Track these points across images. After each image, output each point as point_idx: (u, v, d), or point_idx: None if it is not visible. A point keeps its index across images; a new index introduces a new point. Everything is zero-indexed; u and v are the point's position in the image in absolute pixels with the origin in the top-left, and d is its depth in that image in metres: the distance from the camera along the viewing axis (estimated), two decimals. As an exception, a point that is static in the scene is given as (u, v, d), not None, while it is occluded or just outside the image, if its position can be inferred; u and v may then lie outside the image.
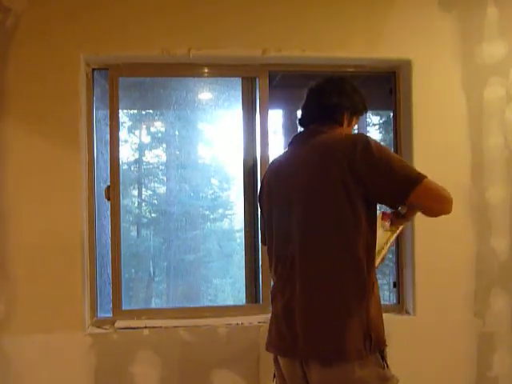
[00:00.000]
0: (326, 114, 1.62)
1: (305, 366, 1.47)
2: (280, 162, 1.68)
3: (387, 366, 1.43)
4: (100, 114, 2.51)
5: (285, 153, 1.70)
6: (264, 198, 1.71)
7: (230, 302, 5.40)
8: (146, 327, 2.29)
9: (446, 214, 1.47)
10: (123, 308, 2.40)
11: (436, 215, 1.48)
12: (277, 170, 1.67)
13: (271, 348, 1.62)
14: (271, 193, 1.65)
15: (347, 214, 1.43)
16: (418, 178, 1.40)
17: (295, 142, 1.66)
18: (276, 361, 1.63)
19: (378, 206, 1.52)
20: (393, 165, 1.41)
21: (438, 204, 1.45)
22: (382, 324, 1.48)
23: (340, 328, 1.40)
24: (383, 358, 1.43)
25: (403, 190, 1.40)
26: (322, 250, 1.46)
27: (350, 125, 1.66)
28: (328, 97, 1.62)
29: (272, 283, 1.68)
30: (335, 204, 1.43)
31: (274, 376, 1.68)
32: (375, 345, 1.41)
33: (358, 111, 1.68)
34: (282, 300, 1.56)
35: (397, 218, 1.62)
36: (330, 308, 1.44)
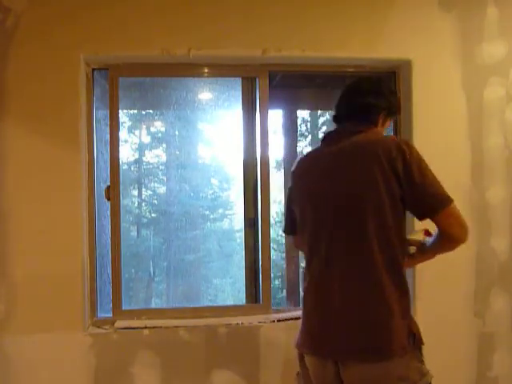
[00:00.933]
0: (363, 113, 1.61)
1: (341, 365, 1.48)
2: (315, 159, 1.67)
3: (423, 362, 1.49)
4: (100, 114, 2.51)
5: (317, 149, 1.68)
6: (295, 194, 1.70)
7: (230, 302, 5.41)
8: (146, 327, 2.29)
9: (462, 243, 1.50)
10: (123, 308, 2.40)
11: (455, 242, 1.51)
12: (312, 167, 1.65)
13: (301, 347, 1.61)
14: (306, 190, 1.63)
15: (389, 215, 1.45)
16: (449, 199, 1.45)
17: (330, 139, 1.64)
18: (302, 359, 1.63)
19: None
20: (429, 178, 1.45)
21: (460, 230, 1.48)
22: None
23: (384, 326, 1.43)
24: (421, 353, 1.49)
25: (435, 205, 1.44)
26: (364, 250, 1.46)
27: (383, 125, 1.67)
28: (366, 96, 1.62)
29: (304, 281, 1.65)
30: (379, 204, 1.45)
31: (298, 374, 1.69)
32: (417, 342, 1.47)
33: (393, 113, 1.69)
34: (316, 299, 1.56)
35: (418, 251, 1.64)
36: (372, 307, 1.45)
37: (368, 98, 1.61)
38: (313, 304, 1.57)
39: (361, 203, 1.47)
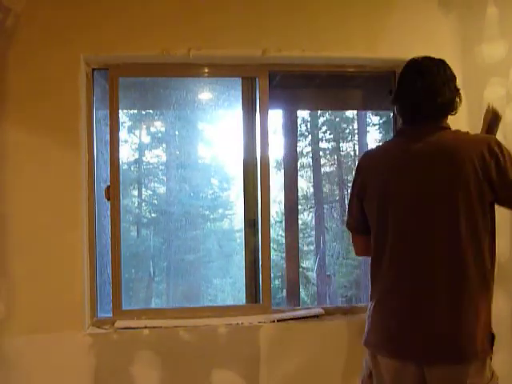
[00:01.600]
0: (445, 108, 1.58)
1: (426, 367, 1.49)
2: (392, 156, 1.61)
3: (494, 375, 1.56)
4: (100, 114, 2.51)
5: (393, 144, 1.66)
6: (370, 192, 1.63)
7: (230, 302, 5.41)
8: (146, 327, 2.29)
9: None
10: (123, 308, 2.40)
11: None
12: (390, 164, 1.59)
13: (376, 348, 1.59)
14: (387, 189, 1.58)
15: (479, 217, 1.51)
16: None
17: (409, 135, 1.60)
18: (374, 359, 1.60)
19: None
20: None
21: None
22: None
23: (471, 330, 1.48)
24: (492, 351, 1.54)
25: None
26: (453, 253, 1.49)
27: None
28: (444, 91, 1.55)
29: (373, 280, 1.63)
30: (468, 207, 1.48)
31: (370, 375, 1.64)
32: (493, 340, 1.55)
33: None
34: (396, 300, 1.54)
35: None
36: (461, 312, 1.48)
37: (446, 93, 1.55)
38: (395, 305, 1.54)
39: (451, 205, 1.48)
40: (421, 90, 1.55)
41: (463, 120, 2.45)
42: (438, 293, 1.48)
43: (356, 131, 7.24)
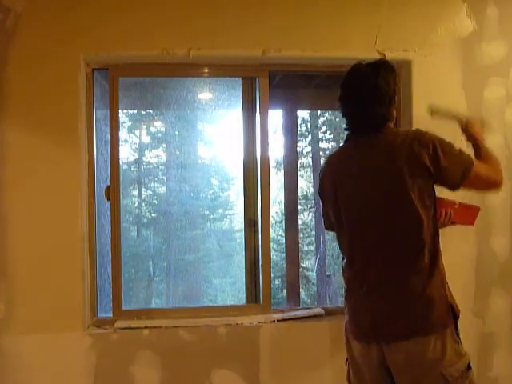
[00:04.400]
0: (382, 117, 1.66)
1: (385, 347, 1.56)
2: (345, 161, 1.72)
3: (460, 342, 1.59)
4: (100, 114, 2.51)
5: (345, 150, 1.76)
6: (329, 194, 1.74)
7: (230, 302, 5.41)
8: (146, 327, 2.29)
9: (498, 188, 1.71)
10: (123, 308, 2.40)
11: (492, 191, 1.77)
12: (345, 169, 1.70)
13: (347, 332, 1.70)
14: (342, 190, 1.68)
15: (419, 207, 1.55)
16: (469, 165, 1.62)
17: (357, 141, 1.70)
18: (348, 343, 1.71)
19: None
20: (452, 156, 1.61)
21: (488, 185, 1.72)
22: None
23: (426, 304, 1.52)
24: (457, 333, 1.58)
25: (459, 177, 1.61)
26: (400, 242, 1.57)
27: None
28: (380, 102, 1.64)
29: (345, 276, 1.74)
30: (409, 203, 1.55)
31: (347, 360, 1.74)
32: (455, 314, 1.57)
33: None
34: (359, 290, 1.64)
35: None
36: (412, 289, 1.54)
37: (383, 104, 1.63)
38: (358, 294, 1.65)
39: (392, 200, 1.57)
40: (356, 113, 1.67)
41: (463, 120, 2.45)
42: (388, 276, 1.58)
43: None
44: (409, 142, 1.56)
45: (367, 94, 1.62)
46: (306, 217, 7.31)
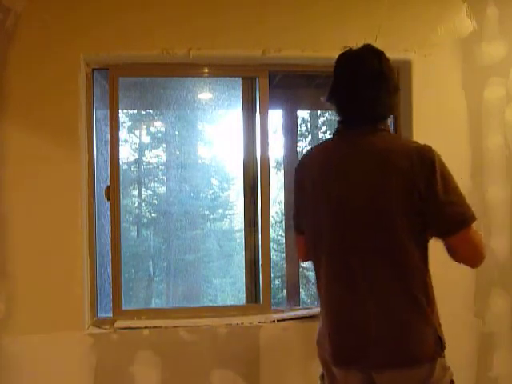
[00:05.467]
0: (378, 107, 1.48)
1: (375, 374, 1.45)
2: (326, 158, 1.52)
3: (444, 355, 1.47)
4: (100, 114, 2.50)
5: (328, 146, 1.57)
6: (304, 193, 1.57)
7: (230, 302, 5.40)
8: (146, 327, 2.29)
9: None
10: (123, 308, 2.40)
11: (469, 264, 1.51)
12: (322, 165, 1.51)
13: (332, 359, 1.51)
14: (319, 191, 1.50)
15: (406, 225, 1.38)
16: (469, 219, 1.38)
17: (343, 137, 1.52)
18: (328, 366, 1.55)
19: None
20: (452, 196, 1.40)
21: (475, 258, 1.47)
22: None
23: (417, 333, 1.41)
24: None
25: (452, 225, 1.38)
26: (388, 258, 1.41)
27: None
28: (378, 87, 1.47)
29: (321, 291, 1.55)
30: (392, 219, 1.38)
31: (323, 377, 1.61)
32: (443, 346, 1.45)
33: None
34: (342, 311, 1.48)
35: None
36: (404, 315, 1.42)
37: (386, 100, 1.47)
38: (340, 316, 1.48)
39: (377, 217, 1.39)
40: (358, 99, 1.46)
41: (463, 120, 2.45)
42: (380, 304, 1.42)
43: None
44: (410, 156, 1.37)
45: (372, 78, 1.45)
46: (306, 217, 7.27)
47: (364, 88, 1.45)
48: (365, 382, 1.48)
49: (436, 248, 1.64)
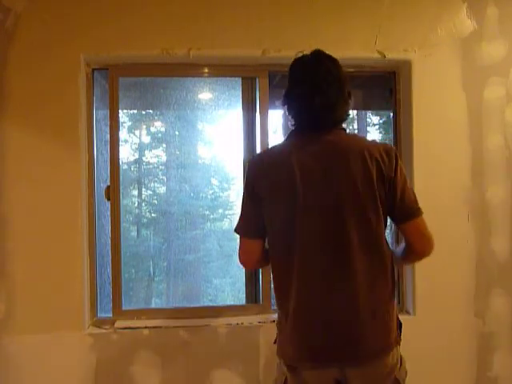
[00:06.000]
0: (339, 107, 1.53)
1: (351, 368, 1.47)
2: (295, 156, 1.49)
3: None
4: (100, 114, 2.50)
5: (291, 148, 1.53)
6: (266, 193, 1.51)
7: (230, 302, 5.40)
8: (146, 327, 2.29)
9: (426, 256, 1.56)
10: (123, 308, 2.40)
11: (420, 254, 1.57)
12: (289, 165, 1.48)
13: (299, 361, 1.51)
14: (285, 191, 1.48)
15: (373, 218, 1.46)
16: (421, 211, 1.51)
17: (305, 138, 1.52)
18: (293, 371, 1.53)
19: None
20: (408, 185, 1.51)
21: (427, 242, 1.54)
22: None
23: (385, 324, 1.48)
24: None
25: (410, 212, 1.50)
26: (361, 257, 1.44)
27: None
28: (338, 88, 1.52)
29: (284, 292, 1.53)
30: (362, 207, 1.44)
31: (286, 381, 1.57)
32: (401, 330, 1.54)
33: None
34: (313, 310, 1.47)
35: None
36: (385, 306, 1.48)
37: (343, 106, 1.52)
38: (310, 315, 1.48)
39: (344, 207, 1.44)
40: (319, 107, 1.48)
41: (463, 120, 2.45)
42: (350, 296, 1.44)
43: (356, 131, 7.23)
44: (377, 149, 1.47)
45: (331, 83, 1.48)
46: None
47: (324, 93, 1.48)
48: (336, 378, 1.50)
49: (436, 248, 1.64)
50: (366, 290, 1.45)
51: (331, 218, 1.45)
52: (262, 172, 1.53)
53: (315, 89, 1.48)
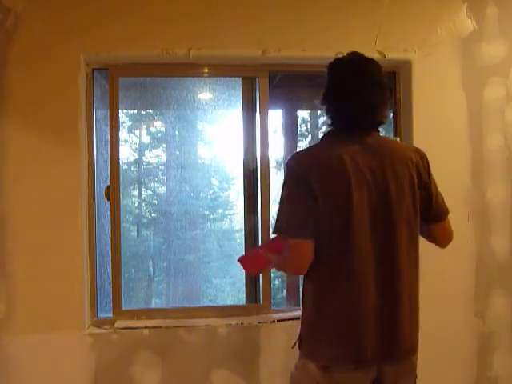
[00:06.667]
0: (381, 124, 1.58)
1: (384, 367, 1.48)
2: (347, 156, 1.45)
3: None
4: (100, 114, 2.51)
5: (334, 143, 1.50)
6: (320, 190, 1.42)
7: (230, 302, 5.40)
8: (146, 327, 2.29)
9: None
10: (123, 308, 2.40)
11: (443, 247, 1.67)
12: (353, 167, 1.44)
13: (343, 362, 1.46)
14: (346, 193, 1.43)
15: (418, 222, 1.52)
16: (448, 210, 1.62)
17: (347, 139, 1.49)
18: (326, 371, 1.47)
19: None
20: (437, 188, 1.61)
21: (450, 239, 1.65)
22: None
23: (417, 322, 1.54)
24: None
25: (442, 212, 1.60)
26: (405, 257, 1.48)
27: None
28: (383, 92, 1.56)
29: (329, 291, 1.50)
30: (414, 214, 1.50)
31: None
32: None
33: None
34: (363, 309, 1.45)
35: None
36: (411, 306, 1.51)
37: (386, 109, 1.55)
38: (359, 315, 1.45)
39: (394, 208, 1.46)
40: (363, 108, 1.48)
41: (463, 120, 2.45)
42: (400, 298, 1.47)
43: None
44: (415, 154, 1.54)
45: (374, 85, 1.50)
46: (306, 217, 7.26)
47: (368, 94, 1.48)
48: (373, 378, 1.50)
49: (436, 248, 1.64)
50: (407, 289, 1.48)
51: (382, 218, 1.46)
52: (315, 169, 1.45)
53: (359, 89, 1.48)
